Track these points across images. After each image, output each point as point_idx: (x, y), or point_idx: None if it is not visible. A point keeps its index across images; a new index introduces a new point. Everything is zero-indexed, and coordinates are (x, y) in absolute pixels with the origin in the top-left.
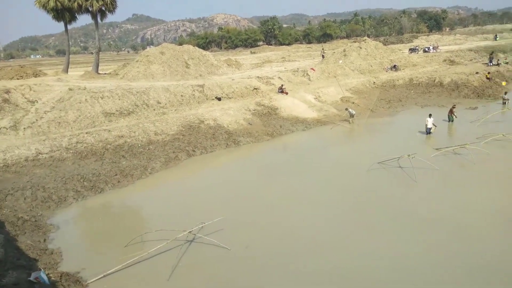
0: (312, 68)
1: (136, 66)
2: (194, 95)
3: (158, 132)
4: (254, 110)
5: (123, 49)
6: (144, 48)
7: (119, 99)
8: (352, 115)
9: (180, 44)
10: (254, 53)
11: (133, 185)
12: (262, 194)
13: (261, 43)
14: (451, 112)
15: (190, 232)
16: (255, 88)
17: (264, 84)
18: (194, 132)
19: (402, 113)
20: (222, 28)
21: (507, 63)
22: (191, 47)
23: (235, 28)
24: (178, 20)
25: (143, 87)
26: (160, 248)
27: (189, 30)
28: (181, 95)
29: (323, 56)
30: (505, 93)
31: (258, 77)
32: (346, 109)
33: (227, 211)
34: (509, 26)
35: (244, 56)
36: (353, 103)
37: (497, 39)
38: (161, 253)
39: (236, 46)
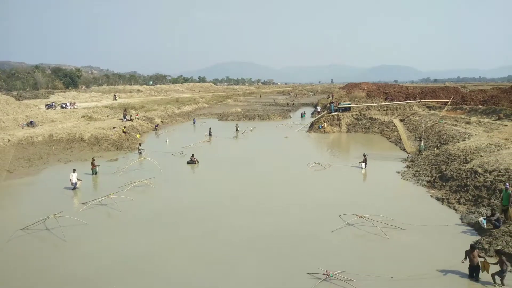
0: None
1: None
2: None
3: None
4: None
5: None
6: None
7: None
8: None
9: None
10: None
11: None
12: None
13: None
14: (92, 165)
15: None
16: None
17: None
18: None
19: (45, 171)
20: None
21: (138, 118)
22: None
23: None
24: None
25: None
26: None
27: None
28: None
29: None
30: (140, 144)
31: None
32: None
33: None
34: (136, 87)
35: None
36: None
37: (117, 99)
38: None
39: None
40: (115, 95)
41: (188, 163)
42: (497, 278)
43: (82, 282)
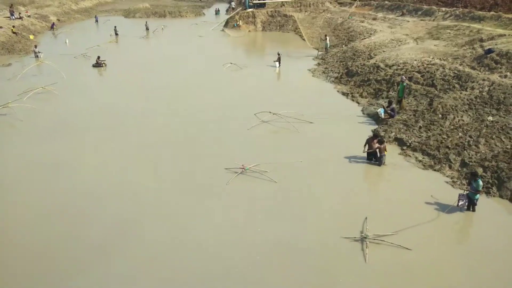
0: None
1: None
2: None
3: None
4: None
5: None
6: None
7: None
8: None
9: None
10: None
11: None
12: None
13: None
14: None
15: None
16: None
17: None
18: None
19: None
20: None
21: (29, 16)
22: None
23: None
24: None
25: None
26: None
27: None
28: None
29: None
30: (36, 46)
31: None
32: None
33: None
34: None
35: None
36: None
37: None
38: None
39: None
40: None
41: (93, 66)
42: (382, 160)
43: None
